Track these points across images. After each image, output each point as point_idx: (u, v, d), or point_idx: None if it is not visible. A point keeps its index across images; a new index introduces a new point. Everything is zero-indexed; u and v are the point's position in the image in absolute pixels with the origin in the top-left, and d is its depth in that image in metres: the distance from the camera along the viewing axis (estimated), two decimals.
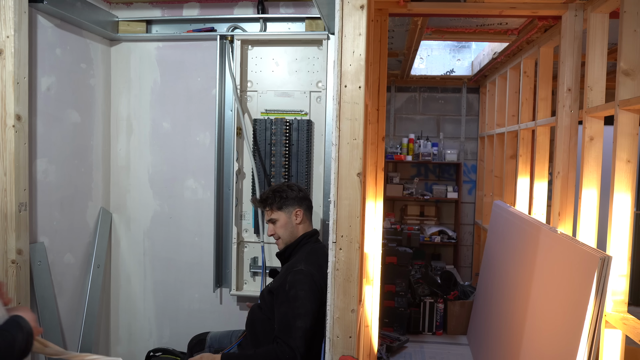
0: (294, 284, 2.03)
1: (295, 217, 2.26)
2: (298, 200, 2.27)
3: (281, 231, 2.25)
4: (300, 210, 2.27)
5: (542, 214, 3.34)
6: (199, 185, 2.90)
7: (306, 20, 2.73)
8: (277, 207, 2.25)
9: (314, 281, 2.05)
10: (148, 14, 2.89)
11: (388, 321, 4.16)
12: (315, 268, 2.10)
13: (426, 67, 5.18)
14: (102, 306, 2.91)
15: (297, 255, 2.20)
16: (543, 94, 3.38)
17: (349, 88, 1.55)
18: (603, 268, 1.90)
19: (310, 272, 2.07)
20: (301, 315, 1.98)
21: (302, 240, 2.25)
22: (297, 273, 2.06)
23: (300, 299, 2.00)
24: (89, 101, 2.77)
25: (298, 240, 2.25)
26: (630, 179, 2.13)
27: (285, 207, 2.25)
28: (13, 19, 2.13)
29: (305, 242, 2.25)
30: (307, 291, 2.01)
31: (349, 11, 1.54)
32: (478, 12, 2.79)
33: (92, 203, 2.82)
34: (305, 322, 1.97)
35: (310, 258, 2.15)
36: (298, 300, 2.00)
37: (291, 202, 2.26)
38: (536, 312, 2.52)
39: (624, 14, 2.17)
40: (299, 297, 2.00)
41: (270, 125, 2.74)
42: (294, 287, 2.02)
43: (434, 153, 5.38)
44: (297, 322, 1.97)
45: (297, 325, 1.96)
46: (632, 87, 2.16)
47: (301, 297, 2.00)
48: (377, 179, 2.77)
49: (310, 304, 2.00)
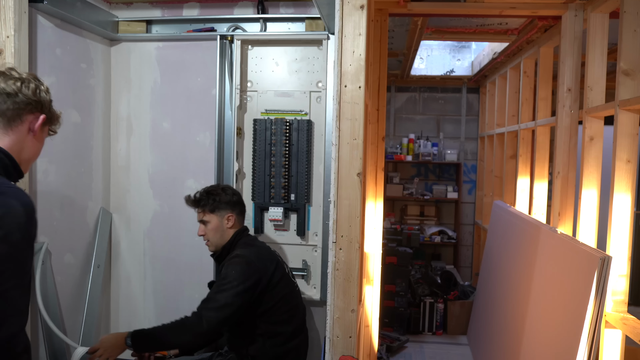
0: (227, 266, 2.13)
1: (227, 221, 2.28)
2: (231, 204, 2.29)
3: (211, 234, 2.28)
4: (232, 215, 2.28)
5: (542, 214, 3.34)
6: (199, 185, 2.89)
7: (306, 20, 2.73)
8: (210, 209, 2.27)
9: (247, 263, 2.12)
10: (148, 14, 2.89)
11: (388, 321, 4.17)
12: (252, 253, 2.18)
13: (426, 67, 5.18)
14: (102, 306, 2.91)
15: (235, 250, 2.25)
16: (543, 94, 3.38)
17: (349, 88, 1.55)
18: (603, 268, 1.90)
19: (244, 254, 2.16)
20: (224, 290, 2.05)
21: (236, 238, 2.29)
22: (233, 257, 2.17)
23: (229, 276, 2.08)
24: (89, 101, 2.76)
25: (232, 239, 2.29)
26: (630, 179, 2.13)
27: (217, 211, 2.27)
28: (13, 19, 2.13)
29: (239, 237, 2.30)
30: (238, 271, 2.09)
31: (349, 11, 1.54)
32: (478, 12, 2.79)
33: (92, 203, 2.82)
34: (225, 297, 2.03)
35: (247, 247, 2.24)
36: (227, 277, 2.08)
37: (224, 206, 2.27)
38: (536, 312, 2.52)
39: (624, 14, 2.17)
40: (229, 274, 2.09)
41: (270, 125, 2.74)
42: (227, 268, 2.12)
43: (434, 153, 5.38)
44: (217, 295, 2.05)
45: (217, 297, 2.04)
46: (632, 87, 2.16)
47: (230, 275, 2.08)
48: (377, 179, 2.77)
49: (237, 283, 2.06)
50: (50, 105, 1.40)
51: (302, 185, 2.72)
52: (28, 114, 1.33)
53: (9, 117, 1.30)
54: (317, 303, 2.73)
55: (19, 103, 1.30)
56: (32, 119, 1.34)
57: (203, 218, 2.28)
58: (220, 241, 2.29)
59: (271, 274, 2.18)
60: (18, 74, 1.33)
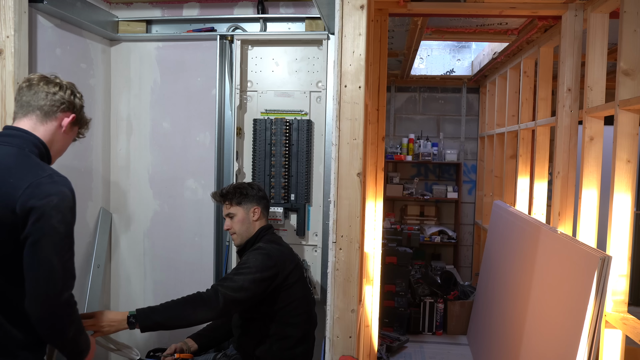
0: (248, 254, 2.17)
1: (253, 214, 2.31)
2: (257, 198, 2.32)
3: (238, 226, 2.30)
4: (258, 208, 2.32)
5: (542, 214, 3.34)
6: (199, 185, 2.90)
7: (306, 20, 2.73)
8: (237, 202, 2.30)
9: (268, 255, 2.15)
10: (148, 14, 2.89)
11: (388, 321, 4.16)
12: (274, 249, 2.21)
13: (426, 67, 5.18)
14: (102, 306, 2.91)
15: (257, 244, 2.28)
16: (543, 94, 3.38)
17: (349, 88, 1.55)
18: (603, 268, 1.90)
19: (266, 247, 2.20)
20: (242, 274, 2.07)
21: (261, 233, 2.32)
22: (255, 249, 2.20)
23: (249, 262, 2.11)
24: (89, 101, 2.76)
25: (257, 234, 2.31)
26: (630, 179, 2.13)
27: (244, 203, 2.30)
28: (13, 19, 2.13)
29: (264, 234, 2.32)
30: (257, 259, 2.12)
31: (349, 11, 1.54)
32: (478, 12, 2.79)
33: (92, 203, 2.82)
34: (243, 280, 2.05)
35: (270, 243, 2.26)
36: (246, 263, 2.11)
37: (250, 200, 2.31)
38: (536, 312, 2.52)
39: (624, 14, 2.17)
40: (249, 260, 2.12)
41: (270, 125, 2.74)
42: (247, 256, 2.16)
43: (434, 153, 5.38)
44: (235, 277, 2.06)
45: (234, 278, 2.06)
46: (632, 87, 2.16)
47: (249, 261, 2.11)
48: (377, 179, 2.77)
49: (255, 270, 2.08)
50: (81, 110, 1.66)
51: (302, 185, 2.72)
52: (61, 112, 1.59)
53: (46, 111, 1.57)
54: (317, 303, 2.73)
55: (55, 102, 1.57)
56: (64, 116, 1.60)
57: (230, 211, 2.31)
58: (246, 234, 2.31)
59: (288, 272, 2.19)
60: (60, 80, 1.62)
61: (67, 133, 1.63)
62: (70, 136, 1.66)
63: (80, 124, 1.68)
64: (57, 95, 1.58)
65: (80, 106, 1.65)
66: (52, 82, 1.60)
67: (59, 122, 1.59)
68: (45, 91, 1.57)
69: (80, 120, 1.67)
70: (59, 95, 1.58)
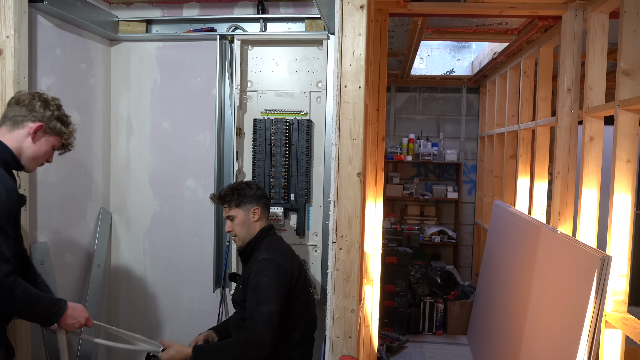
0: (257, 272, 2.10)
1: (253, 214, 2.28)
2: (256, 198, 2.30)
3: (238, 228, 2.28)
4: (258, 208, 2.29)
5: (542, 214, 3.34)
6: (199, 185, 2.90)
7: (306, 20, 2.73)
8: (235, 204, 2.28)
9: (276, 266, 2.11)
10: (148, 14, 2.89)
11: (388, 321, 4.16)
12: (278, 255, 2.17)
13: (426, 67, 5.18)
14: (102, 306, 2.91)
15: (260, 248, 2.24)
16: (543, 94, 3.38)
17: (349, 88, 1.55)
18: (603, 268, 1.90)
19: (272, 258, 2.14)
20: (264, 301, 2.03)
21: (262, 234, 2.29)
22: (260, 262, 2.13)
23: (263, 285, 2.06)
24: (89, 101, 2.76)
25: (257, 235, 2.28)
26: (630, 179, 2.13)
27: (243, 205, 2.27)
28: (13, 19, 2.13)
29: (265, 235, 2.29)
30: (269, 277, 2.07)
31: (349, 11, 1.54)
32: (478, 12, 2.79)
33: (92, 203, 2.82)
34: (268, 306, 2.02)
35: (272, 248, 2.22)
36: (260, 286, 2.06)
37: (249, 200, 2.28)
38: (536, 312, 2.52)
39: (624, 14, 2.17)
40: (262, 283, 2.06)
41: (270, 125, 2.74)
42: (257, 275, 2.09)
43: (434, 153, 5.38)
44: (260, 308, 2.02)
45: (261, 311, 2.02)
46: (632, 87, 2.15)
47: (264, 284, 2.06)
48: (377, 179, 2.77)
49: (273, 289, 2.05)
50: (53, 121, 1.77)
51: (302, 185, 2.72)
52: (29, 122, 1.74)
53: (15, 121, 1.74)
54: (318, 303, 2.72)
55: (22, 112, 1.74)
56: (32, 126, 1.74)
57: (229, 213, 2.29)
58: (247, 235, 2.29)
59: (297, 278, 2.18)
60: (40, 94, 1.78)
61: (36, 142, 1.75)
62: (43, 146, 1.78)
63: (53, 134, 1.79)
64: (28, 106, 1.73)
65: (50, 117, 1.76)
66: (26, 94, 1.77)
67: (27, 131, 1.73)
68: (17, 103, 1.74)
69: (53, 131, 1.78)
70: (29, 106, 1.73)
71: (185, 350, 2.06)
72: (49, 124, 1.77)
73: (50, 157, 1.86)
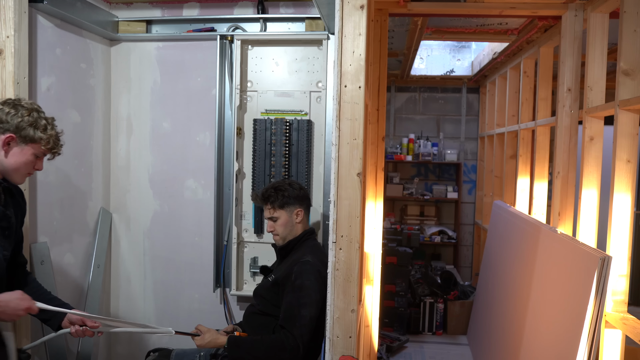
0: (300, 273, 2.07)
1: (296, 216, 2.27)
2: (299, 199, 2.28)
3: (281, 229, 2.27)
4: (301, 210, 2.28)
5: (542, 214, 3.34)
6: (199, 185, 2.90)
7: (306, 20, 2.73)
8: (279, 205, 2.26)
9: (319, 272, 2.09)
10: (148, 14, 2.89)
11: (388, 321, 4.16)
12: (321, 260, 2.16)
13: (426, 67, 5.18)
14: (102, 306, 2.91)
15: (302, 249, 2.23)
16: (543, 94, 3.38)
17: (349, 88, 1.55)
18: (603, 268, 1.90)
19: (316, 262, 2.12)
20: (306, 305, 2.01)
21: (305, 236, 2.29)
22: (305, 264, 2.10)
23: (306, 288, 2.04)
24: (89, 101, 2.76)
25: (301, 236, 2.28)
26: (630, 179, 2.13)
27: (287, 206, 2.26)
28: (13, 19, 2.13)
29: (307, 237, 2.29)
30: (312, 281, 2.05)
31: (349, 11, 1.54)
32: (478, 12, 2.78)
33: (92, 203, 2.82)
34: (310, 311, 2.00)
35: (316, 253, 2.21)
36: (304, 289, 2.03)
37: (293, 202, 2.26)
38: (536, 312, 2.52)
39: (624, 14, 2.17)
40: (305, 286, 2.04)
41: (270, 125, 2.74)
42: (300, 277, 2.06)
43: (434, 153, 5.38)
44: (301, 311, 2.00)
45: (302, 314, 2.00)
46: (632, 87, 2.15)
47: (307, 287, 2.04)
48: (377, 179, 2.77)
49: (315, 294, 2.03)
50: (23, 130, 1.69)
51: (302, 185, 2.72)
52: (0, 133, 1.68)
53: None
54: None
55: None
56: (3, 138, 1.69)
57: (273, 215, 2.26)
58: (290, 235, 2.27)
59: None
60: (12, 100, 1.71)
61: (10, 154, 1.70)
62: (19, 156, 1.71)
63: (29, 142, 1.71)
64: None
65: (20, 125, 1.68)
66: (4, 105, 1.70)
67: None
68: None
69: (27, 139, 1.70)
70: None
71: (221, 339, 2.06)
72: (20, 132, 1.69)
73: (38, 165, 1.80)
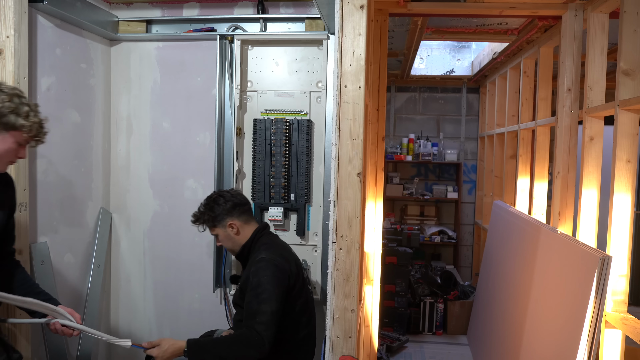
0: (256, 272, 2.07)
1: (231, 228, 2.23)
2: (227, 211, 2.22)
3: (226, 244, 2.27)
4: (234, 221, 2.23)
5: (542, 214, 3.34)
6: (199, 185, 2.90)
7: (306, 20, 2.73)
8: (210, 226, 2.24)
9: (275, 266, 2.08)
10: (148, 14, 2.89)
11: (388, 321, 4.17)
12: (277, 255, 2.14)
13: (426, 67, 5.18)
14: (102, 306, 2.91)
15: (256, 249, 2.21)
16: (543, 94, 3.38)
17: (349, 88, 1.55)
18: (603, 268, 1.90)
19: (270, 257, 2.11)
20: (265, 300, 2.00)
21: (256, 235, 2.26)
22: (259, 262, 2.10)
23: (263, 284, 2.03)
24: (89, 101, 2.76)
25: (252, 237, 2.25)
26: (630, 179, 2.13)
27: (218, 224, 2.23)
28: (13, 19, 2.13)
29: (260, 235, 2.26)
30: (269, 276, 2.05)
31: (349, 11, 1.54)
32: (478, 12, 2.79)
33: (92, 203, 2.82)
34: (270, 305, 2.00)
35: (270, 247, 2.19)
36: (261, 285, 2.03)
37: (222, 217, 2.22)
38: (536, 312, 2.52)
39: (624, 14, 2.17)
40: (262, 282, 2.03)
41: (270, 125, 2.74)
42: (256, 275, 2.07)
43: (434, 153, 5.38)
44: (261, 307, 1.99)
45: (262, 309, 1.99)
46: (632, 87, 2.16)
47: (264, 282, 2.03)
48: (377, 179, 2.77)
49: (272, 288, 2.03)
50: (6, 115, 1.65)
51: (302, 185, 2.72)
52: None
53: None
54: (317, 303, 2.73)
55: None
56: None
57: (212, 233, 2.28)
58: (236, 246, 2.26)
59: (295, 278, 2.16)
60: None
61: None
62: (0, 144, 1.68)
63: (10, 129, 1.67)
64: None
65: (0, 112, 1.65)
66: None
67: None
68: None
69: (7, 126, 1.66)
70: None
71: (178, 344, 1.99)
72: (1, 120, 1.65)
73: (21, 154, 1.76)
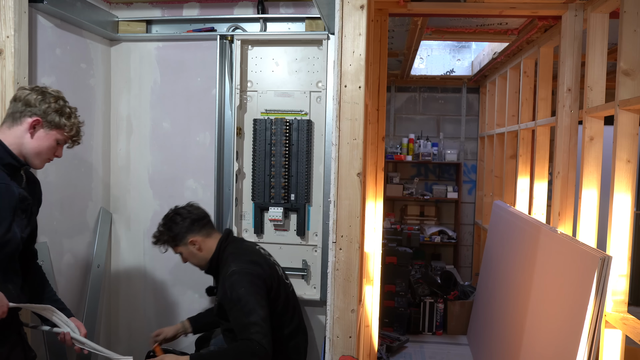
0: (232, 286, 2.04)
1: (193, 245, 2.20)
2: (186, 229, 2.19)
3: (192, 260, 2.25)
4: (194, 237, 2.19)
5: (542, 214, 3.34)
6: (199, 185, 2.90)
7: (306, 20, 2.73)
8: (173, 245, 2.22)
9: (249, 274, 2.07)
10: (148, 14, 2.89)
11: (388, 321, 4.17)
12: (247, 263, 2.12)
13: (426, 67, 5.18)
14: (102, 306, 2.91)
15: (225, 262, 2.18)
16: (543, 94, 3.38)
17: (349, 88, 1.55)
18: (603, 268, 1.90)
19: (241, 268, 2.09)
20: (252, 311, 1.99)
21: (221, 246, 2.22)
22: (231, 275, 2.07)
23: (244, 296, 2.01)
24: (89, 101, 2.76)
25: (217, 250, 2.21)
26: (630, 179, 2.13)
27: (180, 242, 2.20)
28: (13, 19, 2.13)
29: (225, 245, 2.22)
30: (247, 287, 2.03)
31: (349, 11, 1.54)
32: (478, 12, 2.79)
33: (92, 203, 2.82)
34: (257, 314, 1.98)
35: (239, 257, 2.16)
36: (242, 299, 2.01)
37: (182, 236, 2.19)
38: (536, 312, 2.52)
39: (624, 14, 2.17)
40: (241, 296, 2.01)
41: (270, 125, 2.74)
42: (233, 289, 2.03)
43: (434, 153, 5.38)
44: (250, 319, 1.97)
45: (252, 320, 1.97)
46: (632, 87, 2.16)
47: (244, 295, 2.01)
48: (377, 179, 2.77)
49: (253, 297, 2.01)
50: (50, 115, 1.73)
51: (302, 185, 2.72)
52: (26, 117, 1.71)
53: (14, 118, 1.72)
54: (317, 303, 2.73)
55: (19, 107, 1.72)
56: (30, 121, 1.71)
57: (175, 252, 2.26)
58: (203, 262, 2.23)
59: (270, 276, 2.16)
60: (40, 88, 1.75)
61: (35, 137, 1.73)
62: (44, 141, 1.74)
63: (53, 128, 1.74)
64: (25, 101, 1.70)
65: (47, 110, 1.72)
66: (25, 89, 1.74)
67: (25, 127, 1.71)
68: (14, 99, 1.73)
69: (52, 124, 1.73)
70: (25, 101, 1.70)
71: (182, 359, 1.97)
72: (47, 117, 1.73)
73: (58, 152, 1.81)
